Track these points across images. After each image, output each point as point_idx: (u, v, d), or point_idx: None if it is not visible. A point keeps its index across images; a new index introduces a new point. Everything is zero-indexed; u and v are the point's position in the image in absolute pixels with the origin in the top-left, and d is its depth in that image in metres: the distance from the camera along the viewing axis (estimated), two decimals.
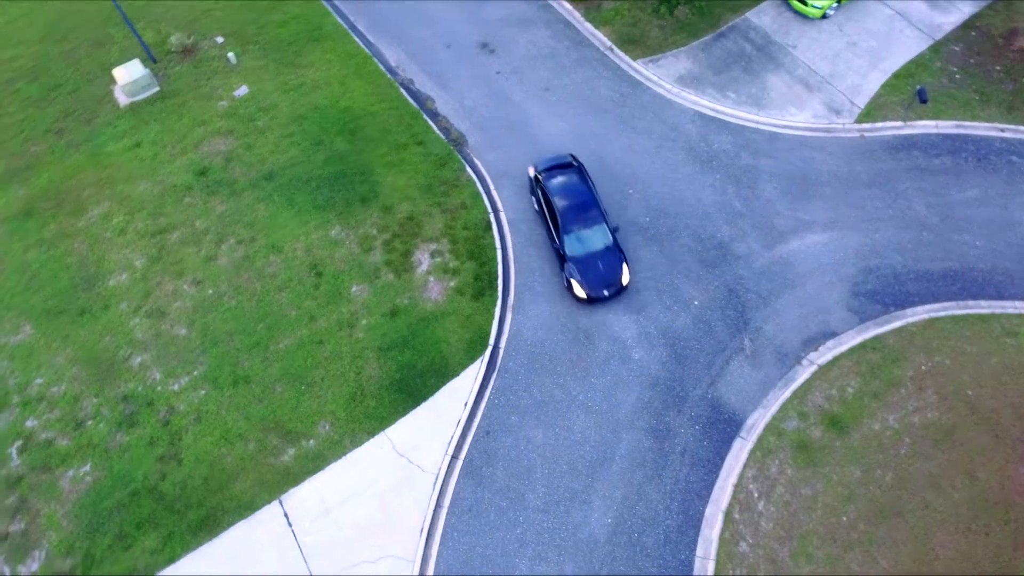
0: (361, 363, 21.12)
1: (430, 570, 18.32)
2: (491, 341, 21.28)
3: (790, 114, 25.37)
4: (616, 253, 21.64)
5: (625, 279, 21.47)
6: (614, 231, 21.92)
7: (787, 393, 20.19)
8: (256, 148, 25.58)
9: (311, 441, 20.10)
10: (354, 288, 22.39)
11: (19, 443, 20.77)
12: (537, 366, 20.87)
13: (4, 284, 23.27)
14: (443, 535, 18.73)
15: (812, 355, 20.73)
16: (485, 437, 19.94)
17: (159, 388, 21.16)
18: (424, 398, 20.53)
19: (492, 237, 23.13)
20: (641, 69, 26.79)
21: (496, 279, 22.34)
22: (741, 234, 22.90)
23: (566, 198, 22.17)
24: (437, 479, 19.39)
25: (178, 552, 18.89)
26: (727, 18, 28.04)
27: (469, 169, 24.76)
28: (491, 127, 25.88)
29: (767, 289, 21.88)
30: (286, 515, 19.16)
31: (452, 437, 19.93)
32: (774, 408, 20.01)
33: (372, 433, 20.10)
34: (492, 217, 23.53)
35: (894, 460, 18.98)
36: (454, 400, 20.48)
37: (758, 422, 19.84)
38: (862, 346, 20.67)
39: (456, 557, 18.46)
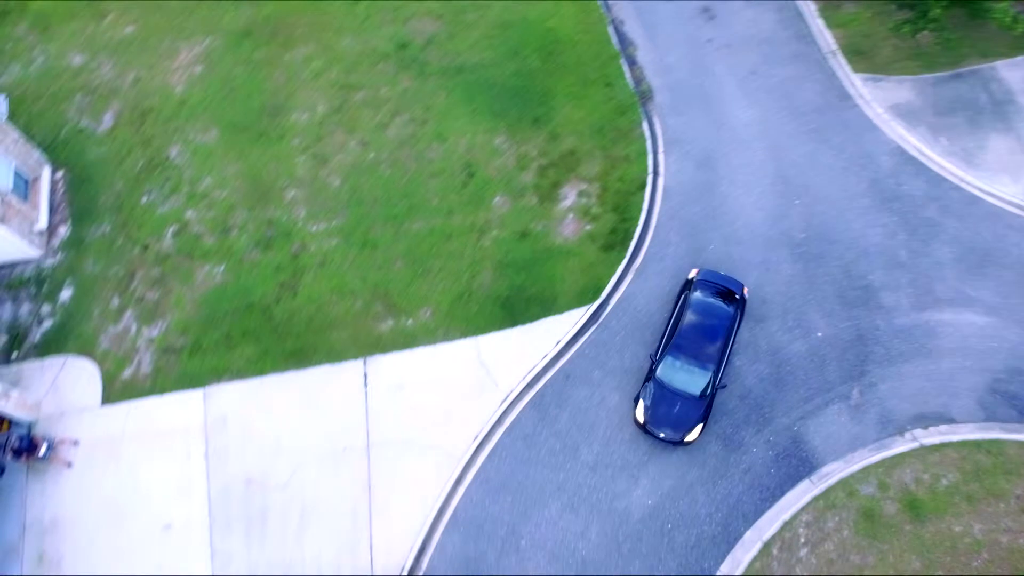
0: (478, 269, 21.23)
1: (470, 475, 18.64)
2: (603, 295, 20.75)
3: (1000, 183, 22.39)
4: (701, 409, 18.34)
5: (691, 437, 18.31)
6: (717, 387, 18.62)
7: (876, 458, 18.58)
8: (457, 39, 25.55)
9: (410, 321, 20.62)
10: (497, 199, 22.32)
11: (176, 227, 22.59)
12: (637, 334, 20.21)
13: (208, 88, 24.87)
14: (493, 450, 18.93)
15: (919, 432, 18.85)
16: (564, 380, 19.71)
17: (300, 224, 22.24)
18: (523, 322, 20.46)
19: (642, 198, 22.23)
20: (857, 83, 24.34)
21: (631, 239, 21.58)
22: (894, 285, 20.82)
23: (699, 320, 19.03)
24: (507, 399, 19.47)
25: (267, 368, 20.18)
26: (971, 60, 24.77)
27: (645, 125, 23.71)
28: (682, 92, 24.53)
29: (899, 349, 19.91)
30: (365, 376, 19.93)
31: (534, 367, 19.84)
32: (856, 467, 18.52)
33: (465, 335, 20.33)
34: (650, 179, 22.57)
35: (962, 569, 17.19)
36: (549, 335, 20.28)
37: (834, 473, 18.46)
38: (977, 444, 18.57)
39: (497, 474, 18.64)
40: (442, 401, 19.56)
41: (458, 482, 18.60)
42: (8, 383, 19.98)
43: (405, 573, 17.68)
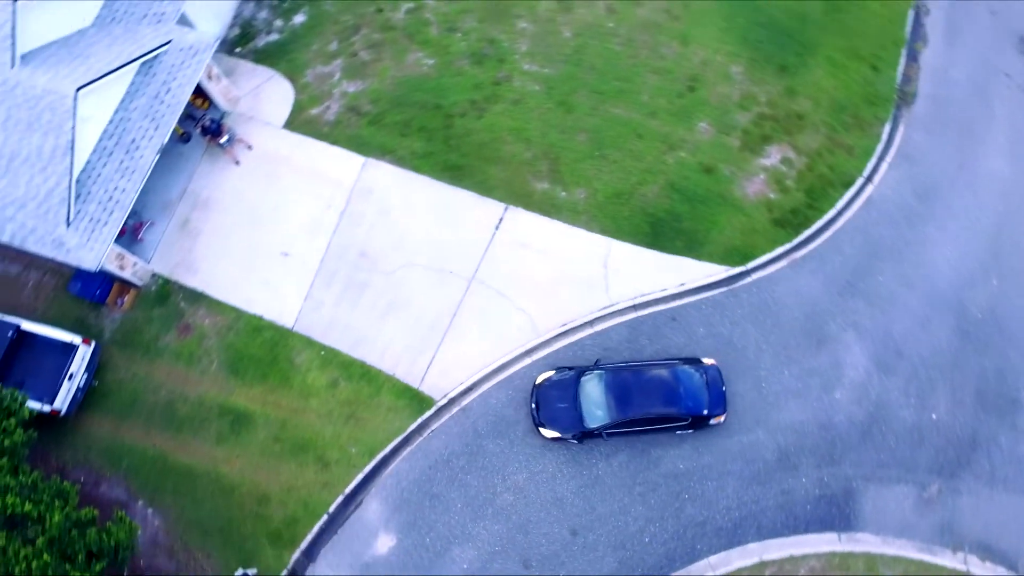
0: (648, 179, 18.93)
1: (541, 353, 17.55)
2: (749, 265, 18.16)
3: None
4: (573, 430, 16.10)
5: (545, 433, 16.36)
6: (599, 432, 16.03)
7: (915, 555, 16.10)
8: None
9: (563, 193, 18.92)
10: (702, 124, 19.46)
11: (412, 5, 21.24)
12: (760, 318, 17.73)
13: None
14: (572, 343, 17.60)
15: (973, 559, 16.06)
16: (668, 320, 17.76)
17: (515, 57, 20.34)
18: (661, 249, 18.30)
19: (841, 196, 18.81)
20: None
21: (806, 227, 18.50)
22: None
23: (662, 383, 16.03)
24: (608, 307, 17.85)
25: (424, 169, 19.22)
26: None
27: (887, 127, 19.68)
28: (946, 112, 20.02)
29: (1006, 475, 16.64)
30: (501, 220, 18.70)
31: (648, 294, 17.95)
32: (890, 551, 16.15)
33: (604, 233, 18.48)
34: (860, 181, 18.97)
35: None
36: (677, 274, 18.12)
37: (866, 543, 16.20)
38: None
39: (565, 364, 17.40)
40: (553, 279, 18.16)
41: (528, 353, 17.57)
42: (223, 70, 20.09)
43: (448, 399, 17.30)
